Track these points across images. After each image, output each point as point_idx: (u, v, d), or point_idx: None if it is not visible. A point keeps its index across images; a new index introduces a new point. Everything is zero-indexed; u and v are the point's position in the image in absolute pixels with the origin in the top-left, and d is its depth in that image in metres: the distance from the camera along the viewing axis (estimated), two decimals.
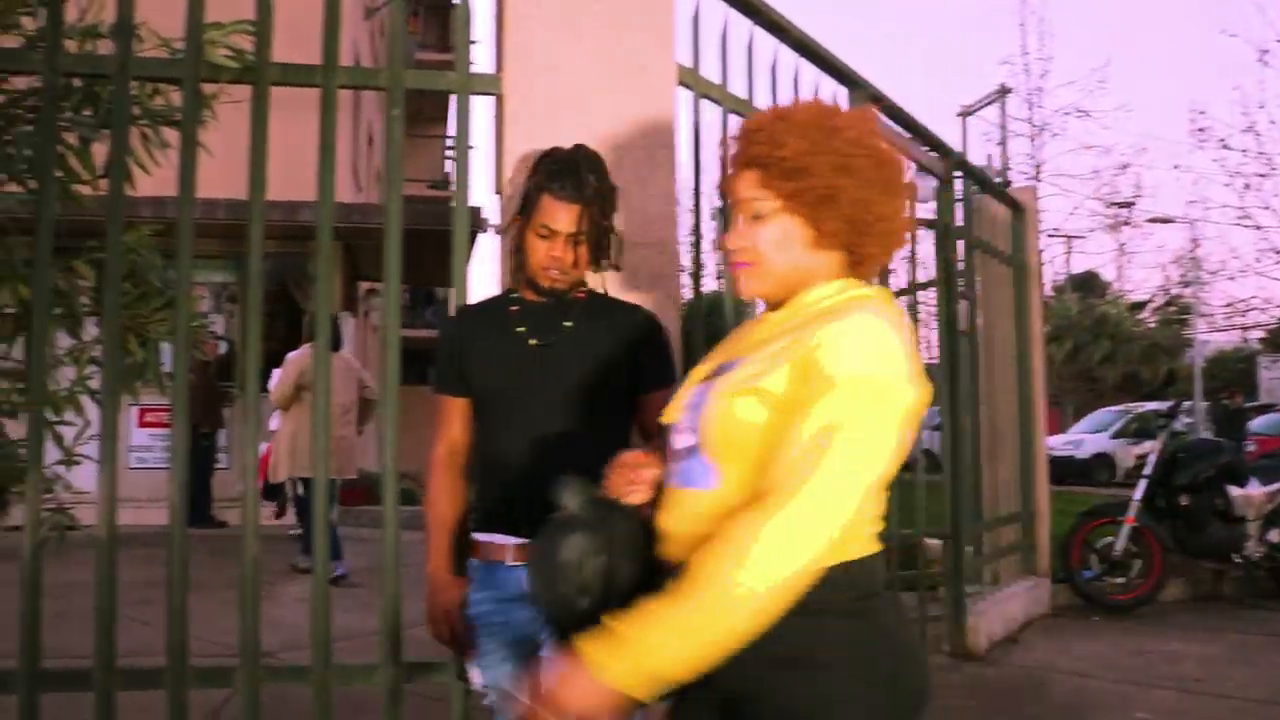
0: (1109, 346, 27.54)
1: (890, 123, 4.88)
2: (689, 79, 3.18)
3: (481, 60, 30.74)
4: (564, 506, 1.74)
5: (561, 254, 2.32)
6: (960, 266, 5.84)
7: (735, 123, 3.49)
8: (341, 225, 9.99)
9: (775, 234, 1.57)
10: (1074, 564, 6.87)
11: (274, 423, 7.91)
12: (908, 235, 1.75)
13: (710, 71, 3.33)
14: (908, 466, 6.12)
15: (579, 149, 2.38)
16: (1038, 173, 23.16)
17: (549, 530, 1.72)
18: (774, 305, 1.66)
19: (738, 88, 3.49)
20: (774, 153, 1.54)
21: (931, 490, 5.95)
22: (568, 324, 2.37)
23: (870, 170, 1.54)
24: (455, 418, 2.46)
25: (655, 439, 2.45)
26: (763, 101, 3.65)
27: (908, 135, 5.12)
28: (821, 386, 1.43)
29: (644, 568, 1.60)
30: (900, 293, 6.30)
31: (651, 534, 1.64)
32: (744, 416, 1.50)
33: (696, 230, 3.23)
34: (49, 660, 2.58)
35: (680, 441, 1.62)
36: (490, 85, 2.86)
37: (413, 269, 13.48)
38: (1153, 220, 25.83)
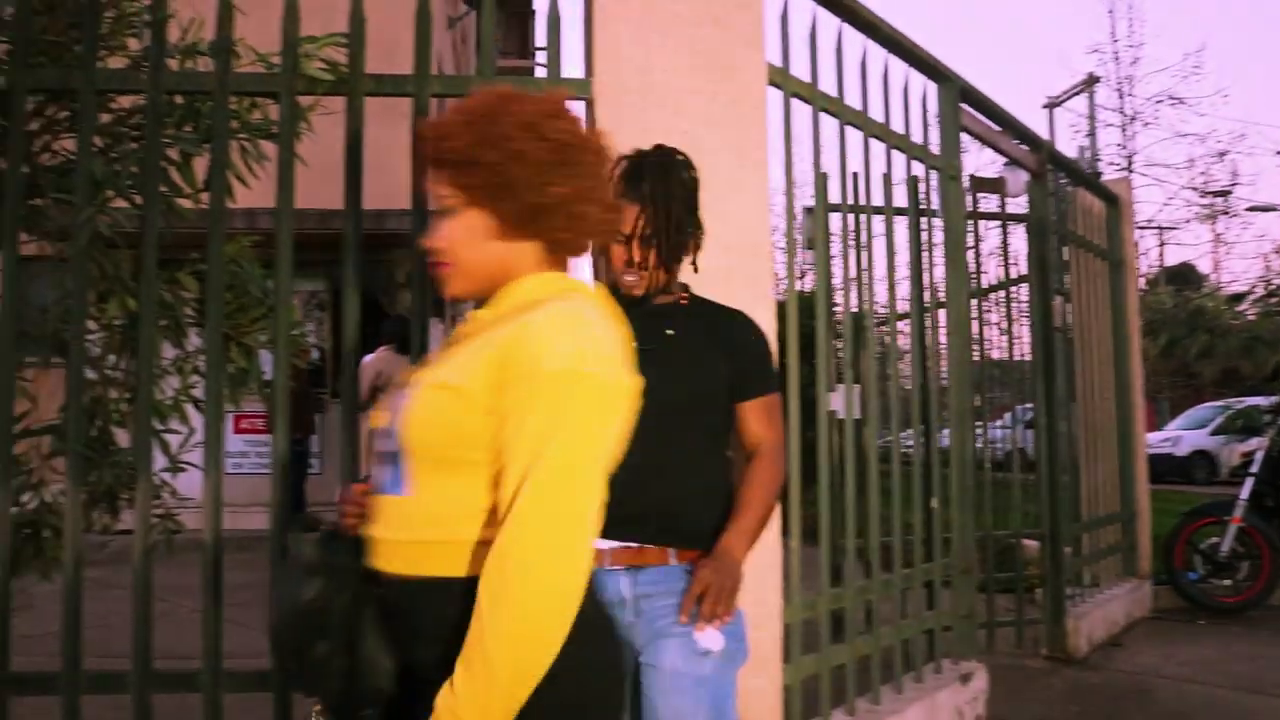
0: (1206, 340, 26.76)
1: (981, 116, 4.79)
2: (778, 78, 3.16)
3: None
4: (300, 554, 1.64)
5: (629, 256, 2.32)
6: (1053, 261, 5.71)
7: (828, 123, 3.45)
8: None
9: (461, 230, 1.52)
10: (1177, 565, 6.65)
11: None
12: (611, 217, 1.65)
13: (797, 70, 3.31)
14: (1001, 465, 6.12)
15: (653, 149, 2.38)
16: (1129, 163, 22.53)
17: (284, 576, 1.67)
18: (480, 303, 1.60)
19: (826, 86, 3.45)
20: (446, 147, 1.50)
21: (1027, 490, 5.83)
22: (670, 331, 2.36)
23: (544, 154, 1.48)
24: None
25: (751, 447, 2.43)
26: (853, 99, 3.61)
27: (998, 128, 5.02)
28: (527, 384, 1.39)
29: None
30: (993, 288, 6.20)
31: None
32: (434, 416, 1.43)
33: (790, 232, 3.20)
34: (157, 662, 2.65)
35: (383, 446, 1.55)
36: (581, 89, 2.87)
37: None
38: (1253, 209, 25.03)
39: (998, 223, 5.91)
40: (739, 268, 2.84)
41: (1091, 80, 23.04)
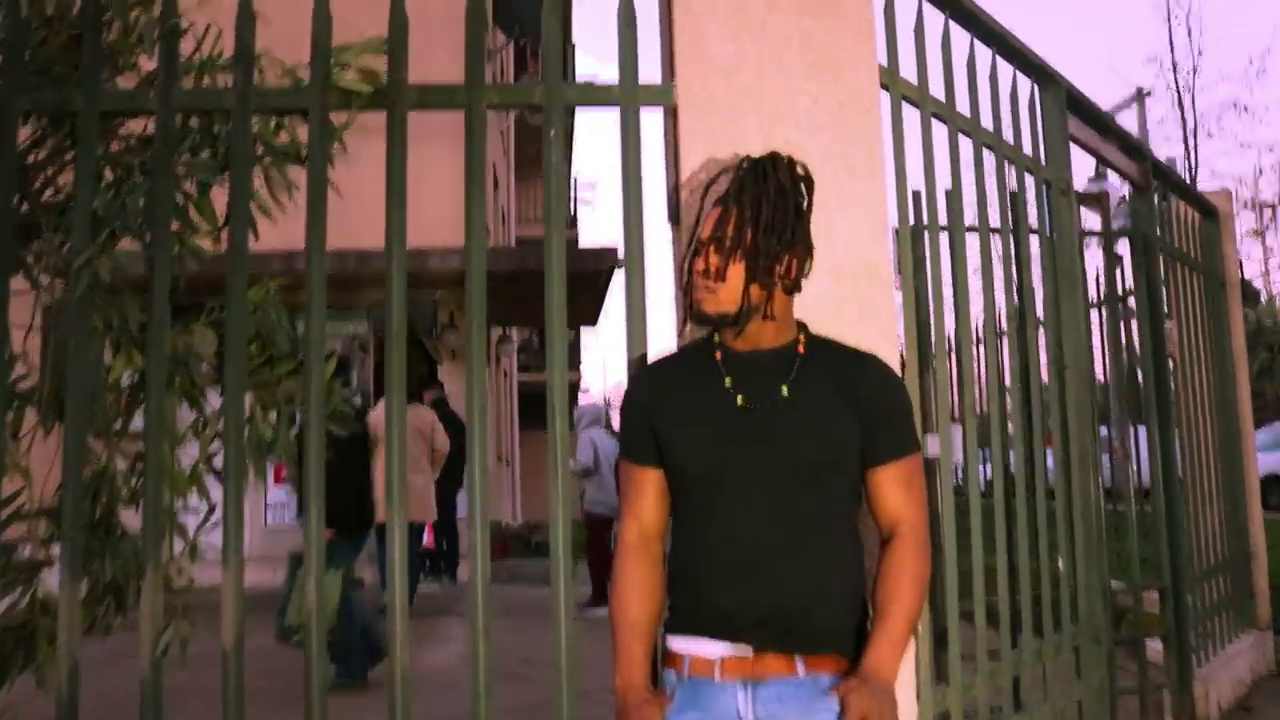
0: (1267, 358, 25.84)
1: (1084, 122, 4.30)
2: (886, 79, 2.70)
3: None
4: None
5: (705, 264, 1.90)
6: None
7: (938, 130, 3.00)
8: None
9: None
10: None
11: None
12: None
13: (902, 70, 2.85)
14: (1110, 494, 5.50)
15: (758, 157, 1.97)
16: (1193, 175, 21.81)
17: None
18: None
19: (932, 88, 2.99)
20: None
21: (1117, 528, 5.29)
22: (785, 391, 1.91)
23: None
24: (648, 492, 2.01)
25: (888, 524, 1.97)
26: (962, 104, 3.15)
27: (1100, 136, 4.53)
28: None
29: None
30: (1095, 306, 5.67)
31: None
32: None
33: (907, 252, 2.74)
34: None
35: None
36: (660, 96, 2.43)
37: (540, 311, 13.11)
38: None
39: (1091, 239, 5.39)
40: (852, 296, 2.38)
41: (1141, 95, 22.40)
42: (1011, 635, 3.15)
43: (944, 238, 3.29)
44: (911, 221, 3.17)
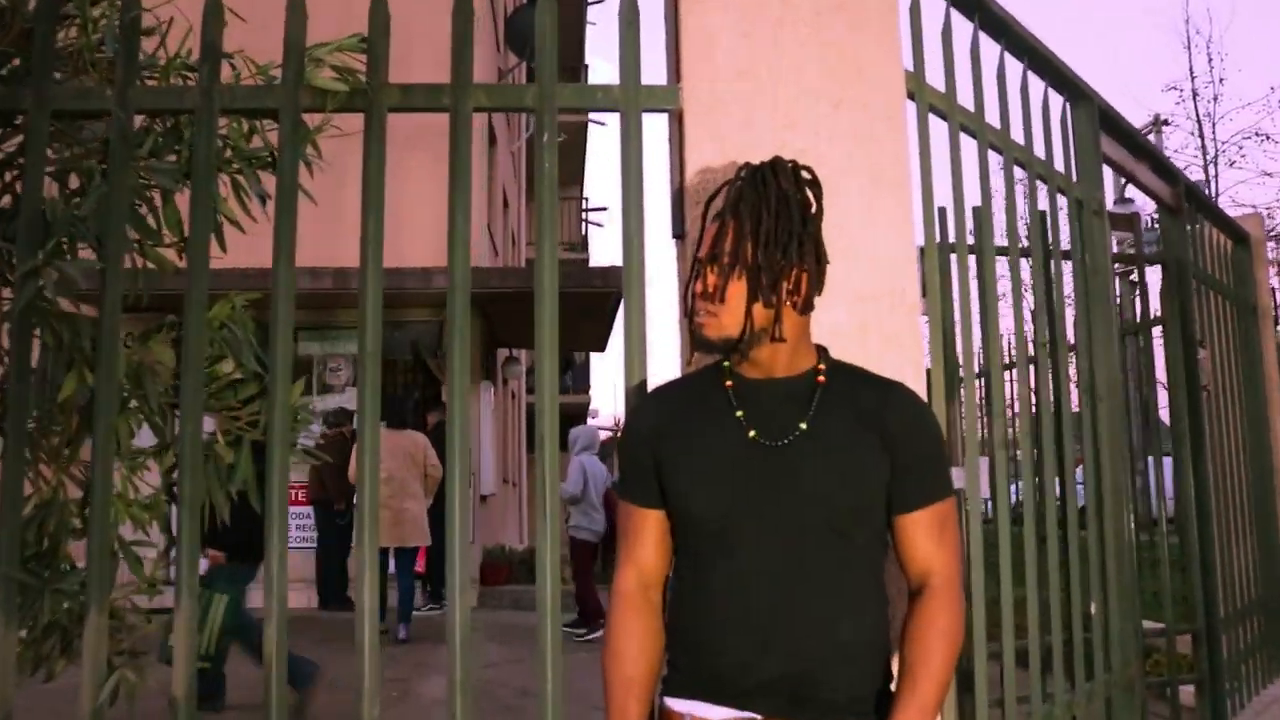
0: None
1: (1115, 141, 4.08)
2: (912, 86, 2.49)
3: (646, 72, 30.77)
4: None
5: (703, 285, 1.70)
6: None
7: (966, 144, 2.78)
8: (479, 291, 9.54)
9: None
10: None
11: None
12: None
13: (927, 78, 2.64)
14: (1146, 526, 5.22)
15: (758, 164, 1.76)
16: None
17: None
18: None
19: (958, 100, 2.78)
20: None
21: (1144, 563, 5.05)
22: (804, 425, 1.69)
23: None
24: (648, 537, 1.79)
25: (917, 576, 1.75)
26: (992, 116, 2.93)
27: (1133, 156, 4.30)
28: None
29: None
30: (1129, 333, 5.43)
31: None
32: None
33: (934, 273, 2.51)
34: None
35: None
36: (664, 99, 2.22)
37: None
38: None
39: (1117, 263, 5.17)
40: (875, 325, 2.16)
41: (1158, 122, 22.17)
42: (1041, 679, 2.91)
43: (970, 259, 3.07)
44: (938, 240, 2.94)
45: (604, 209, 25.19)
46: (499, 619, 9.41)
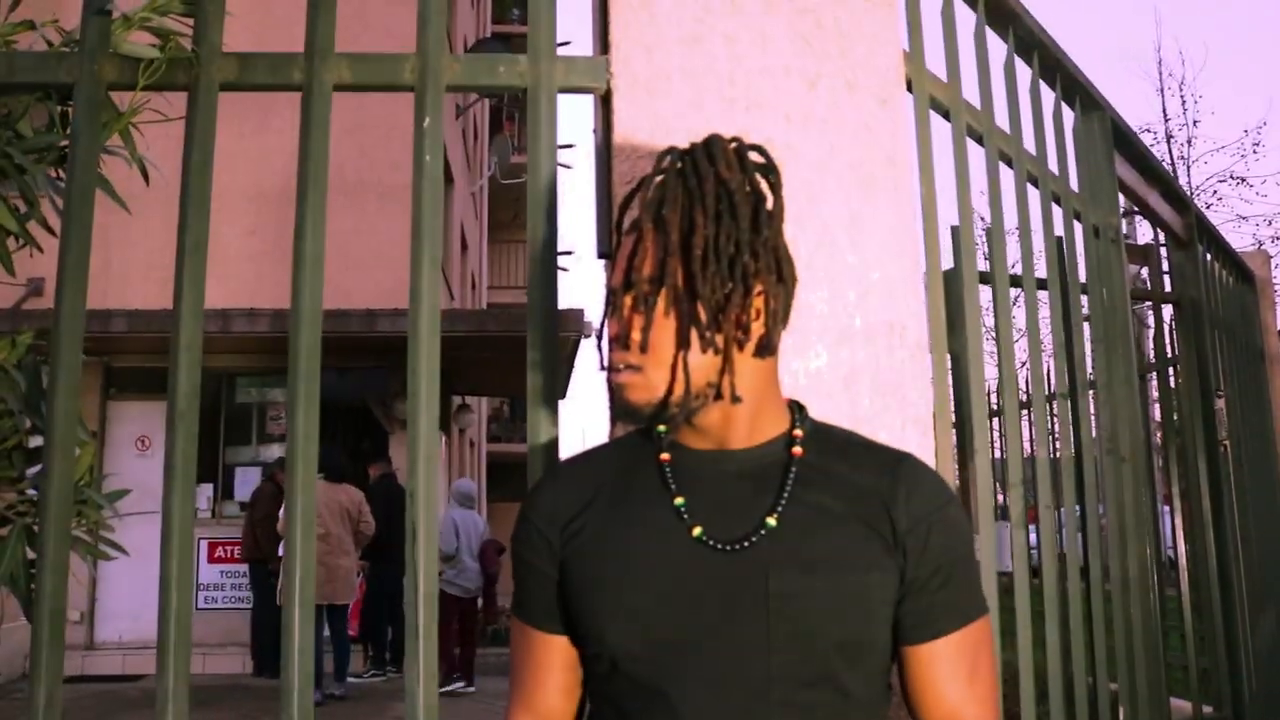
0: None
1: (1125, 160, 3.58)
2: (911, 72, 1.96)
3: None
4: None
5: (617, 328, 1.13)
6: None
7: (971, 146, 2.26)
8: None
9: None
10: None
11: None
12: None
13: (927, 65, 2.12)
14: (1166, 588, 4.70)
15: (686, 147, 1.20)
16: None
17: None
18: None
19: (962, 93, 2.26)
20: None
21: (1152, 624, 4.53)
22: (772, 518, 1.14)
23: None
24: (548, 674, 1.24)
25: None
26: (1001, 115, 2.42)
27: (1144, 180, 3.80)
28: None
29: None
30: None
31: None
32: None
33: (938, 301, 1.96)
34: None
35: None
36: (588, 75, 1.67)
37: (511, 378, 12.40)
38: None
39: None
40: (867, 372, 1.61)
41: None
42: None
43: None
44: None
45: (569, 253, 24.63)
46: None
